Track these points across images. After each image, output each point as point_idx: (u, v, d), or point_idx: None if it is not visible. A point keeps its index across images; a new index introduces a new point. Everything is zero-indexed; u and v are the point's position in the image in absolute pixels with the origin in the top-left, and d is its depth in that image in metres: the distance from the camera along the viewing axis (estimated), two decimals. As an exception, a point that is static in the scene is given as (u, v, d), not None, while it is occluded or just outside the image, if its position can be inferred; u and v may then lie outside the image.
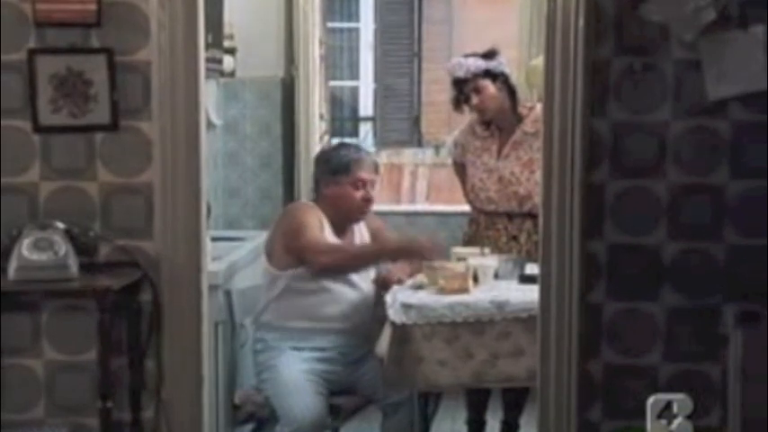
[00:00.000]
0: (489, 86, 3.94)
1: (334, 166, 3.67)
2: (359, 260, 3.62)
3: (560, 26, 2.84)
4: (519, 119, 4.00)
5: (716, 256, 2.88)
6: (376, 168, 3.77)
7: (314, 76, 5.16)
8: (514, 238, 3.93)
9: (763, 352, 2.68)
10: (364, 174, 3.67)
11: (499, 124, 4.01)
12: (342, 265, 3.58)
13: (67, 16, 2.87)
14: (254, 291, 3.81)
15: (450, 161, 4.38)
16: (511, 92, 4.00)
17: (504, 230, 3.95)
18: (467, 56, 3.99)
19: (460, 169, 4.18)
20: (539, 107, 3.88)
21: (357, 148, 3.83)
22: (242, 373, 3.83)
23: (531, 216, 3.84)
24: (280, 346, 3.60)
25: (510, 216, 3.95)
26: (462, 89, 3.96)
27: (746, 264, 2.86)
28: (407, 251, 3.64)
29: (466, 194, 4.17)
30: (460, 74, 3.93)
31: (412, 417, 3.59)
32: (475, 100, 3.96)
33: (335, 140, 6.87)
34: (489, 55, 3.98)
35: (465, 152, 4.10)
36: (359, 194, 3.66)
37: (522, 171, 3.93)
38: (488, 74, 3.94)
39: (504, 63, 4.02)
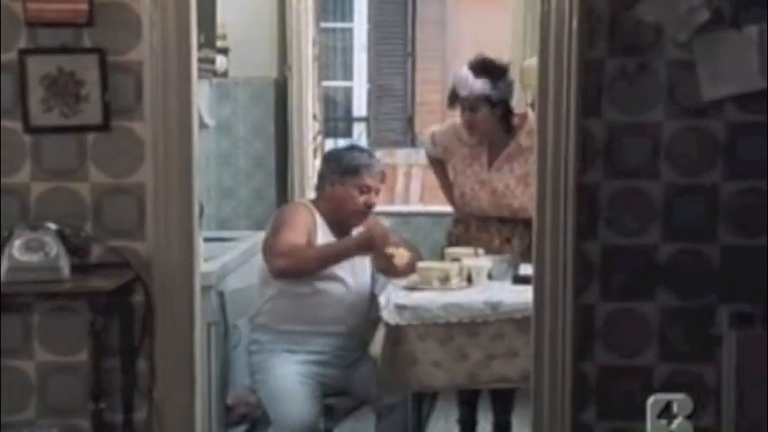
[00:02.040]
0: (484, 110, 3.88)
1: (344, 167, 3.66)
2: (320, 260, 3.55)
3: (554, 26, 2.83)
4: (510, 130, 3.96)
5: (710, 256, 2.88)
6: (383, 178, 3.77)
7: (307, 76, 5.15)
8: (507, 240, 3.91)
9: (757, 352, 2.68)
10: (371, 180, 3.67)
11: (487, 137, 3.97)
12: (300, 268, 3.52)
13: (59, 16, 2.85)
14: (248, 291, 3.80)
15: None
16: (506, 111, 3.94)
17: (497, 233, 3.94)
18: (477, 69, 3.86)
19: (439, 166, 4.15)
20: (531, 117, 3.85)
21: (369, 154, 3.81)
22: (235, 374, 3.82)
23: (524, 220, 3.83)
24: (274, 348, 3.58)
25: (502, 220, 3.94)
26: (459, 100, 3.92)
27: (740, 264, 2.86)
28: (369, 241, 3.57)
29: (447, 194, 4.13)
30: (463, 93, 3.88)
31: (406, 419, 3.58)
32: (466, 116, 3.93)
33: (329, 141, 6.87)
34: (499, 73, 3.88)
35: (448, 155, 4.04)
36: (361, 199, 3.65)
37: (518, 185, 3.89)
38: (488, 99, 3.88)
39: (510, 83, 3.95)
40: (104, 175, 2.93)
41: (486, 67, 3.88)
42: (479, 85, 3.84)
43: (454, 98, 3.94)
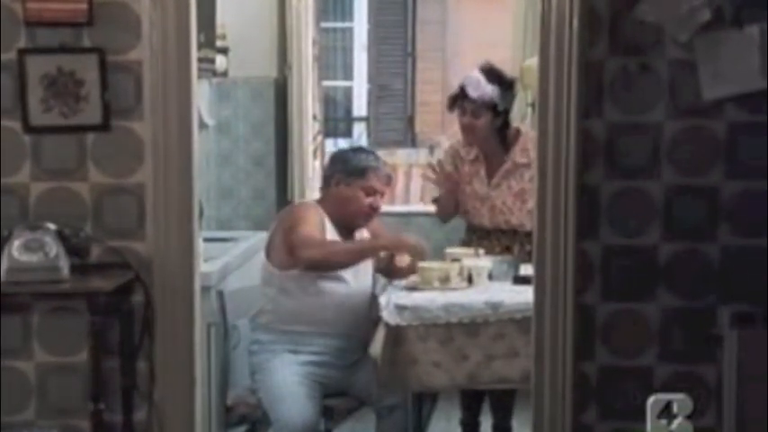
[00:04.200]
0: (486, 117, 3.88)
1: (351, 168, 3.67)
2: (350, 255, 3.59)
3: (554, 26, 2.83)
4: (504, 143, 3.96)
5: (711, 256, 2.87)
6: (389, 181, 3.79)
7: (307, 75, 5.15)
8: (507, 249, 3.91)
9: (758, 353, 2.68)
10: (378, 183, 3.68)
11: (482, 148, 3.97)
12: (330, 260, 3.55)
13: (58, 15, 2.85)
14: (248, 292, 3.80)
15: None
16: (505, 123, 3.94)
17: (497, 242, 3.94)
18: (489, 75, 3.87)
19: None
20: (528, 134, 3.87)
21: (376, 156, 3.81)
22: (235, 375, 3.82)
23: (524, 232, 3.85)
24: (275, 348, 3.58)
25: (502, 230, 3.94)
26: (463, 100, 3.92)
27: (741, 265, 2.85)
28: (398, 246, 3.68)
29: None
30: (473, 94, 3.88)
31: (406, 419, 3.58)
32: (466, 119, 3.93)
33: (329, 141, 6.86)
34: (507, 84, 3.91)
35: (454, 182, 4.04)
36: (367, 201, 3.66)
37: (515, 201, 3.90)
38: (493, 107, 3.89)
39: (515, 96, 3.99)
40: (104, 175, 2.92)
41: (496, 75, 3.90)
42: (490, 90, 3.85)
43: (456, 99, 3.94)
